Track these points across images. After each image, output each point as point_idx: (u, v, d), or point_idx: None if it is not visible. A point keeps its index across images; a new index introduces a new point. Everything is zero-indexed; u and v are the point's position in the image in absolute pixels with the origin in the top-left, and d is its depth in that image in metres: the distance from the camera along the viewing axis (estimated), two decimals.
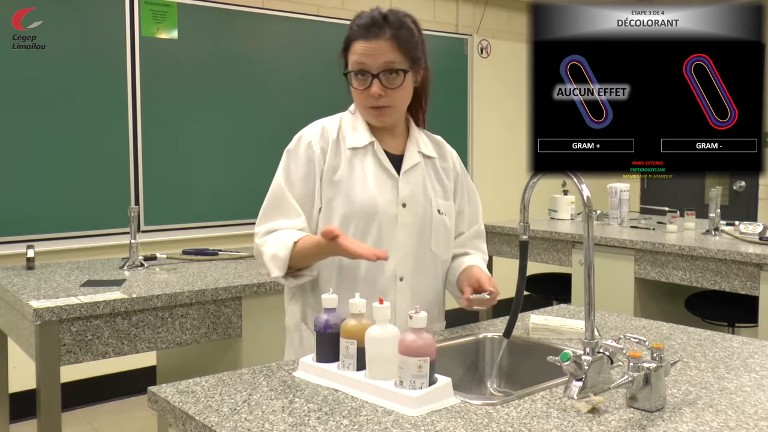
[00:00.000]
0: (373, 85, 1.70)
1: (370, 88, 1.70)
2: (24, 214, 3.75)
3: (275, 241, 1.69)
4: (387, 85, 1.71)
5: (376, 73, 1.69)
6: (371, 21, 1.71)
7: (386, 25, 1.70)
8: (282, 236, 1.69)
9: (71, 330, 2.23)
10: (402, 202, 1.75)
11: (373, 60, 1.69)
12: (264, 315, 2.59)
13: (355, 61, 1.71)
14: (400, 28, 1.72)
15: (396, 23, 1.72)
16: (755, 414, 1.26)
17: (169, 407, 1.32)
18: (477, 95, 5.72)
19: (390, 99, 1.72)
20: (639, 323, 1.96)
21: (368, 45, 1.69)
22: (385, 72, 1.70)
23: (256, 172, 4.32)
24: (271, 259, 1.68)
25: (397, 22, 1.72)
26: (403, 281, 1.75)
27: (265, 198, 1.78)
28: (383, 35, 1.69)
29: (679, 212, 4.04)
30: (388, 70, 1.70)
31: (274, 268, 1.68)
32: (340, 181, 1.73)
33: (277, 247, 1.68)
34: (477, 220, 1.95)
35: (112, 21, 3.99)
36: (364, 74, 1.71)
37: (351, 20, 1.77)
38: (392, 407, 1.27)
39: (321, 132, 1.78)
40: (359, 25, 1.72)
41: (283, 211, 1.74)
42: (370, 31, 1.70)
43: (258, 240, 1.74)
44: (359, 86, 1.72)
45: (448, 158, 1.90)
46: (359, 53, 1.70)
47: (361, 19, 1.73)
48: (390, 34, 1.70)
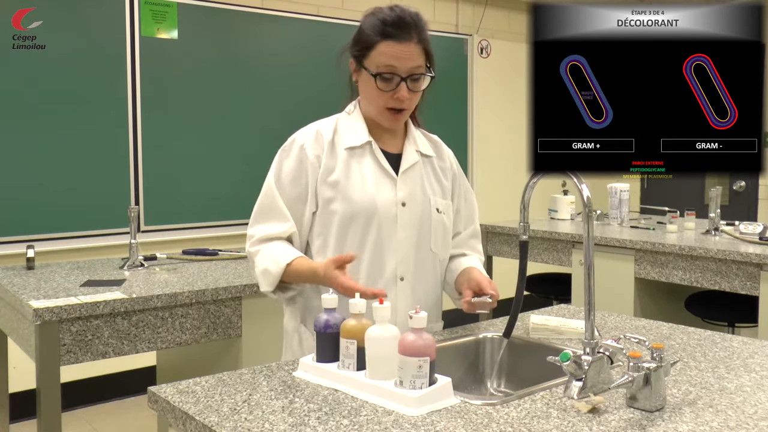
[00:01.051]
0: (401, 89, 1.67)
1: (396, 90, 1.68)
2: (24, 214, 3.75)
3: (268, 256, 1.71)
4: (412, 88, 1.69)
5: (405, 77, 1.67)
6: (401, 21, 1.67)
7: (414, 27, 1.68)
8: (276, 253, 1.71)
9: (71, 330, 2.23)
10: (401, 201, 1.75)
11: (403, 63, 1.66)
12: (264, 315, 2.59)
13: (383, 63, 1.67)
14: (423, 31, 1.70)
15: (421, 26, 1.70)
16: (755, 414, 1.26)
17: (169, 407, 1.32)
18: (477, 95, 5.72)
19: (410, 102, 1.72)
20: (639, 323, 1.96)
21: (400, 47, 1.65)
22: (412, 76, 1.68)
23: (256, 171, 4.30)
24: (261, 274, 1.72)
25: (422, 25, 1.70)
26: (403, 281, 1.75)
27: (257, 200, 1.79)
28: (413, 38, 1.67)
29: (679, 212, 4.04)
30: (414, 74, 1.68)
31: (264, 284, 1.73)
32: (337, 182, 1.72)
33: (269, 263, 1.70)
34: (473, 220, 1.95)
35: (112, 21, 3.99)
36: (390, 77, 1.67)
37: (368, 14, 1.71)
38: (392, 407, 1.27)
39: (315, 135, 1.76)
40: (387, 23, 1.66)
41: (272, 215, 1.75)
42: (402, 32, 1.66)
43: (251, 248, 1.76)
44: (385, 88, 1.68)
45: (446, 158, 1.90)
46: (389, 55, 1.66)
47: (388, 18, 1.67)
48: (418, 37, 1.68)
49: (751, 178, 5.79)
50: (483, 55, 5.80)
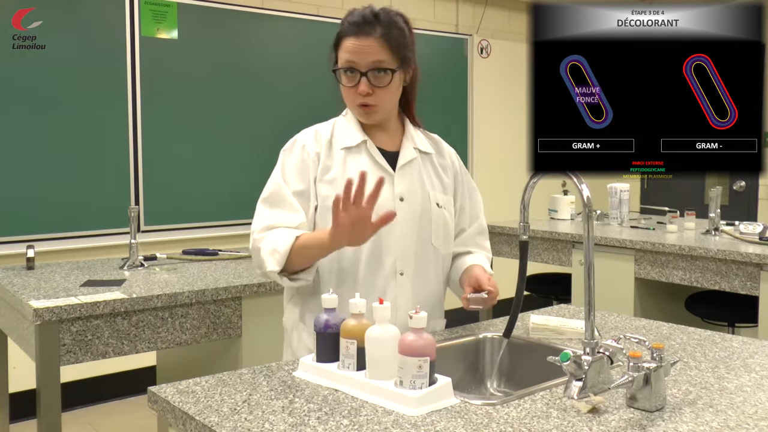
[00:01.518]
0: (361, 84, 1.70)
1: (358, 85, 1.70)
2: (24, 214, 3.75)
3: (275, 236, 1.68)
4: (375, 83, 1.70)
5: (365, 72, 1.70)
6: (362, 19, 1.71)
7: (377, 23, 1.70)
8: (282, 232, 1.68)
9: (71, 330, 2.23)
10: (399, 196, 1.75)
11: (362, 58, 1.69)
12: (264, 315, 2.59)
13: (344, 59, 1.71)
14: (390, 27, 1.71)
15: (387, 22, 1.71)
16: (755, 414, 1.26)
17: (169, 407, 1.32)
18: (477, 95, 5.72)
19: (376, 98, 1.72)
20: (639, 323, 1.96)
21: (358, 43, 1.69)
22: (374, 71, 1.70)
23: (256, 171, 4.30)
24: (269, 253, 1.65)
25: (388, 21, 1.71)
26: (403, 276, 1.75)
27: (261, 196, 1.77)
28: (373, 33, 1.69)
29: (679, 212, 4.04)
30: (376, 69, 1.70)
31: (272, 262, 1.64)
32: (334, 179, 1.73)
33: (276, 242, 1.66)
34: (478, 216, 1.95)
35: (112, 21, 3.99)
36: (353, 72, 1.71)
37: (343, 17, 1.76)
38: (392, 407, 1.27)
39: (314, 135, 1.79)
40: (350, 22, 1.71)
41: (283, 207, 1.73)
42: (361, 28, 1.69)
43: (256, 235, 1.71)
44: (348, 83, 1.72)
45: (446, 155, 1.90)
46: (349, 50, 1.70)
47: (352, 17, 1.72)
48: (380, 32, 1.69)
49: (751, 178, 5.79)
50: (483, 55, 5.80)
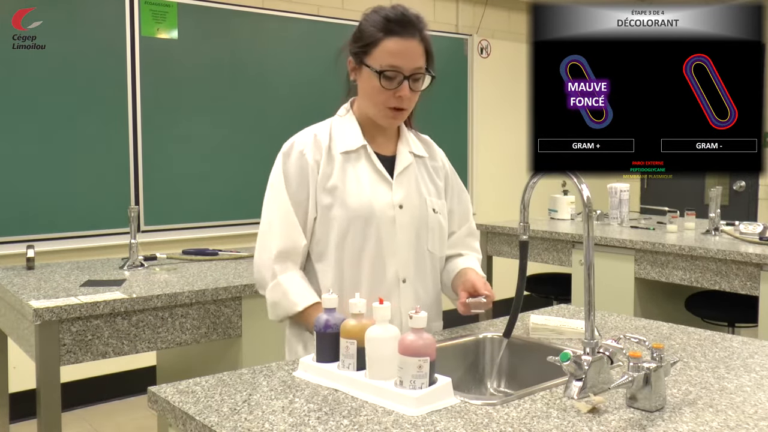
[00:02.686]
0: (404, 88, 1.67)
1: (398, 89, 1.67)
2: (24, 214, 3.75)
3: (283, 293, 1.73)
4: (413, 88, 1.69)
5: (408, 75, 1.67)
6: (405, 18, 1.67)
7: (418, 25, 1.68)
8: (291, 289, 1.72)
9: (71, 330, 2.23)
10: (398, 204, 1.75)
11: (407, 62, 1.66)
12: (264, 315, 2.55)
13: (386, 61, 1.65)
14: (425, 31, 1.70)
15: (423, 26, 1.70)
16: (755, 414, 1.26)
17: (169, 407, 1.32)
18: (477, 95, 5.72)
19: (410, 102, 1.72)
20: (639, 323, 1.96)
21: (404, 44, 1.65)
22: (414, 76, 1.68)
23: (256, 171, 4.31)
24: (272, 306, 1.77)
25: (423, 25, 1.70)
26: (405, 283, 1.75)
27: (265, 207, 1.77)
28: (416, 36, 1.67)
29: (679, 212, 4.04)
30: (416, 74, 1.68)
31: (272, 314, 1.78)
32: (335, 187, 1.72)
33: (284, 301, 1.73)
34: (468, 218, 1.95)
35: (112, 21, 3.99)
36: (394, 75, 1.66)
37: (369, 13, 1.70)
38: (392, 407, 1.27)
39: (314, 140, 1.75)
40: (391, 20, 1.66)
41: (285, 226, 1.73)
42: (406, 29, 1.66)
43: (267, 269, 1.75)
44: (388, 86, 1.67)
45: (437, 157, 1.90)
46: (393, 52, 1.65)
47: (389, 14, 1.67)
48: (420, 36, 1.68)
49: (751, 178, 5.79)
50: (483, 55, 5.80)
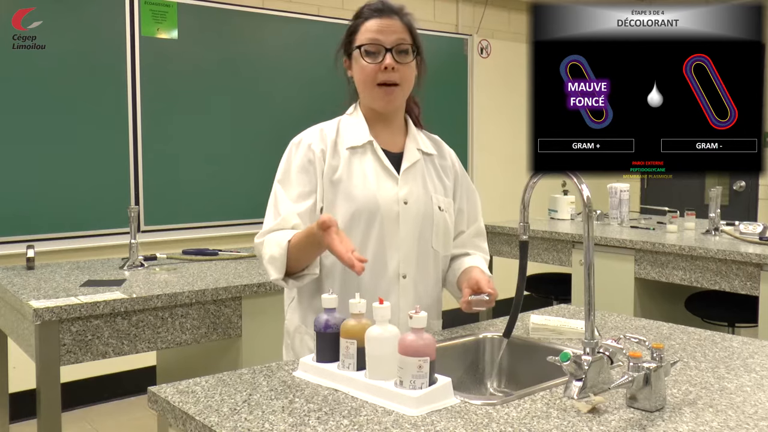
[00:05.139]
0: (386, 58, 1.72)
1: (382, 62, 1.72)
2: (24, 214, 3.75)
3: (271, 242, 1.68)
4: (399, 60, 1.73)
5: (390, 48, 1.72)
6: (383, 5, 1.77)
7: (398, 9, 1.78)
8: (278, 236, 1.68)
9: (71, 330, 2.23)
10: (403, 199, 1.75)
11: (387, 36, 1.73)
12: (264, 315, 2.59)
13: (367, 38, 1.74)
14: (407, 16, 1.79)
15: (405, 12, 1.79)
16: (755, 414, 1.26)
17: (169, 407, 1.32)
18: (477, 95, 5.72)
19: (400, 76, 1.74)
20: (639, 323, 1.96)
21: (383, 22, 1.74)
22: (397, 47, 1.73)
23: (256, 171, 4.33)
24: (269, 262, 1.67)
25: (405, 12, 1.79)
26: (406, 279, 1.75)
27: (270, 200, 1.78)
28: (395, 17, 1.76)
29: (679, 212, 4.04)
30: (400, 46, 1.73)
31: (273, 270, 1.66)
32: (339, 181, 1.73)
33: (273, 248, 1.67)
34: (477, 218, 1.95)
35: (112, 21, 3.99)
36: (376, 49, 1.73)
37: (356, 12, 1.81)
38: (392, 407, 1.27)
39: (320, 134, 1.79)
40: (370, 8, 1.77)
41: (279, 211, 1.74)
42: (384, 11, 1.76)
43: (257, 240, 1.74)
44: (372, 60, 1.73)
45: (447, 157, 1.91)
46: (373, 30, 1.73)
47: (371, 5, 1.78)
48: (401, 18, 1.76)
49: (751, 178, 5.79)
50: (483, 55, 5.80)
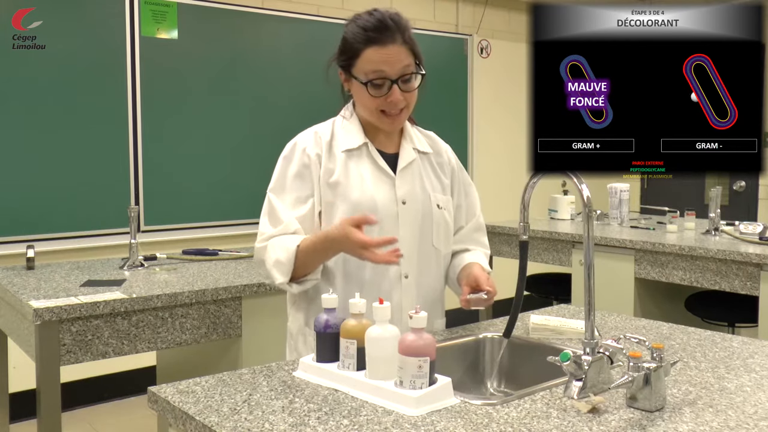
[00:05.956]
0: (394, 92, 1.67)
1: (388, 95, 1.67)
2: (24, 214, 3.75)
3: (276, 246, 1.67)
4: (404, 89, 1.69)
5: (395, 79, 1.67)
6: (381, 24, 1.67)
7: (396, 29, 1.67)
8: (283, 240, 1.68)
9: (71, 330, 2.23)
10: (401, 199, 1.75)
11: (392, 66, 1.66)
12: (264, 315, 2.59)
13: (371, 70, 1.66)
14: (407, 31, 1.70)
15: (403, 26, 1.69)
16: (755, 414, 1.26)
17: (169, 407, 1.32)
18: (477, 95, 5.72)
19: (405, 101, 1.71)
20: (639, 323, 1.96)
21: (385, 51, 1.65)
22: (403, 77, 1.68)
23: (256, 171, 4.31)
24: (274, 265, 1.66)
25: (404, 25, 1.70)
26: (408, 279, 1.75)
27: (263, 208, 1.77)
28: (397, 40, 1.66)
29: (679, 212, 4.04)
30: (405, 75, 1.68)
31: (278, 274, 1.65)
32: (337, 183, 1.73)
33: (278, 252, 1.66)
34: (475, 213, 1.95)
35: (112, 21, 3.99)
36: (381, 82, 1.67)
37: (349, 23, 1.73)
38: (392, 407, 1.27)
39: (314, 137, 1.77)
40: (368, 29, 1.67)
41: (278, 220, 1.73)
42: (384, 35, 1.66)
43: (258, 245, 1.73)
44: (377, 94, 1.68)
45: (443, 153, 1.90)
46: (376, 61, 1.66)
47: (366, 23, 1.68)
48: (402, 38, 1.67)
49: (751, 178, 5.79)
50: (483, 55, 5.80)
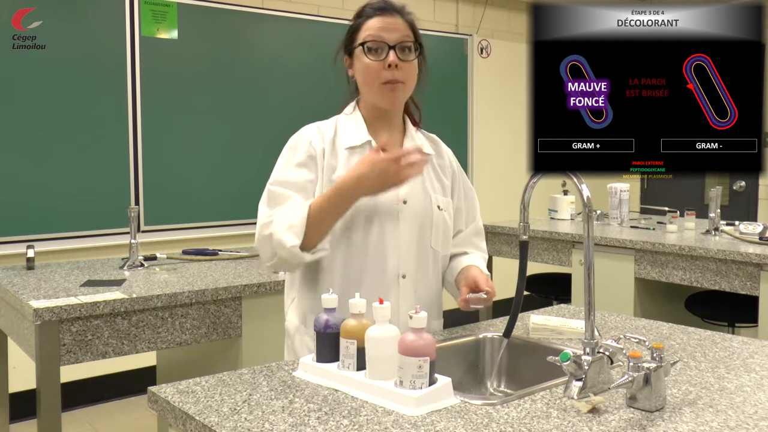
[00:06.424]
0: (390, 55, 1.71)
1: (385, 59, 1.71)
2: (24, 214, 3.75)
3: (286, 211, 1.65)
4: (402, 57, 1.72)
5: (393, 45, 1.72)
6: (385, 3, 1.77)
7: (400, 9, 1.77)
8: (293, 204, 1.66)
9: (71, 330, 2.23)
10: (402, 198, 1.75)
11: (390, 33, 1.72)
12: (264, 315, 2.59)
13: (370, 35, 1.73)
14: (409, 15, 1.79)
15: (407, 11, 1.79)
16: (755, 414, 1.26)
17: (169, 407, 1.32)
18: (477, 95, 5.72)
19: (403, 74, 1.73)
20: (639, 323, 1.96)
21: (385, 20, 1.73)
22: (400, 45, 1.72)
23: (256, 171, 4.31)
24: (286, 229, 1.61)
25: (407, 11, 1.79)
26: (405, 279, 1.75)
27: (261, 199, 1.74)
28: (397, 16, 1.75)
29: (679, 212, 4.04)
30: (403, 43, 1.73)
31: (291, 237, 1.60)
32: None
33: (290, 215, 1.63)
34: (475, 217, 1.95)
35: (112, 21, 3.99)
36: (379, 46, 1.72)
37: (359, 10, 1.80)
38: (392, 407, 1.27)
39: (318, 132, 1.78)
40: (373, 7, 1.76)
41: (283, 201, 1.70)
42: (386, 10, 1.75)
43: (263, 221, 1.67)
44: (375, 58, 1.72)
45: (445, 156, 1.91)
46: (376, 27, 1.73)
47: (373, 4, 1.77)
48: (403, 17, 1.76)
49: (751, 178, 5.79)
50: (483, 55, 5.80)
